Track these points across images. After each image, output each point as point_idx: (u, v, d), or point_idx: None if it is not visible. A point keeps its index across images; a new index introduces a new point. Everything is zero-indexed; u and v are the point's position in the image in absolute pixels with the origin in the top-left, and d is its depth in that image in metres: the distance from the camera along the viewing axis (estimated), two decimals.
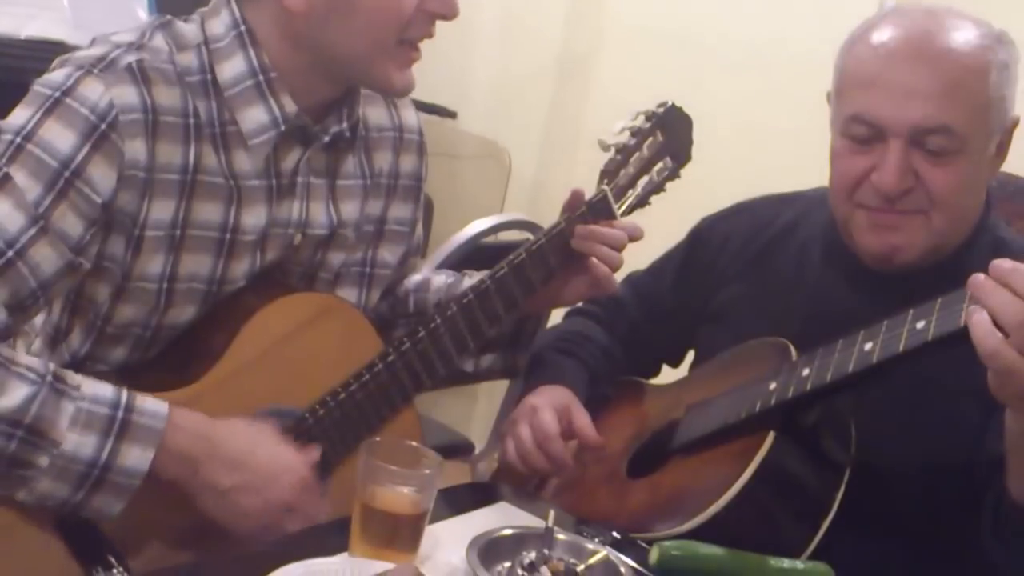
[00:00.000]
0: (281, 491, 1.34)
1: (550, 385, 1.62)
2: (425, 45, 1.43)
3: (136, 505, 1.29)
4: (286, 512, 1.34)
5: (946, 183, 1.43)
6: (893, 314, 1.29)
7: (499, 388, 2.56)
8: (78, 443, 1.24)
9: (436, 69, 3.31)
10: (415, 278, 1.71)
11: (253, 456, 1.33)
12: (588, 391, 1.64)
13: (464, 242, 2.23)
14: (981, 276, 1.16)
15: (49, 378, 1.24)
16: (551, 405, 1.57)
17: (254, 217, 1.40)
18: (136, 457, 1.26)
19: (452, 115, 3.39)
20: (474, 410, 3.32)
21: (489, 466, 2.24)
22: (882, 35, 1.46)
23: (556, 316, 1.92)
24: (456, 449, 2.37)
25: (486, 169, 3.33)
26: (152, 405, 1.28)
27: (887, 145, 1.43)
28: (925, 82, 1.41)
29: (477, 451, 2.46)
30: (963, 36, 1.43)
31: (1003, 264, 1.15)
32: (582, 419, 1.57)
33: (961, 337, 1.18)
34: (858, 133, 1.46)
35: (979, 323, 1.15)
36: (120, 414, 1.26)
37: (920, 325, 1.24)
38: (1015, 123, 1.49)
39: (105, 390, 1.27)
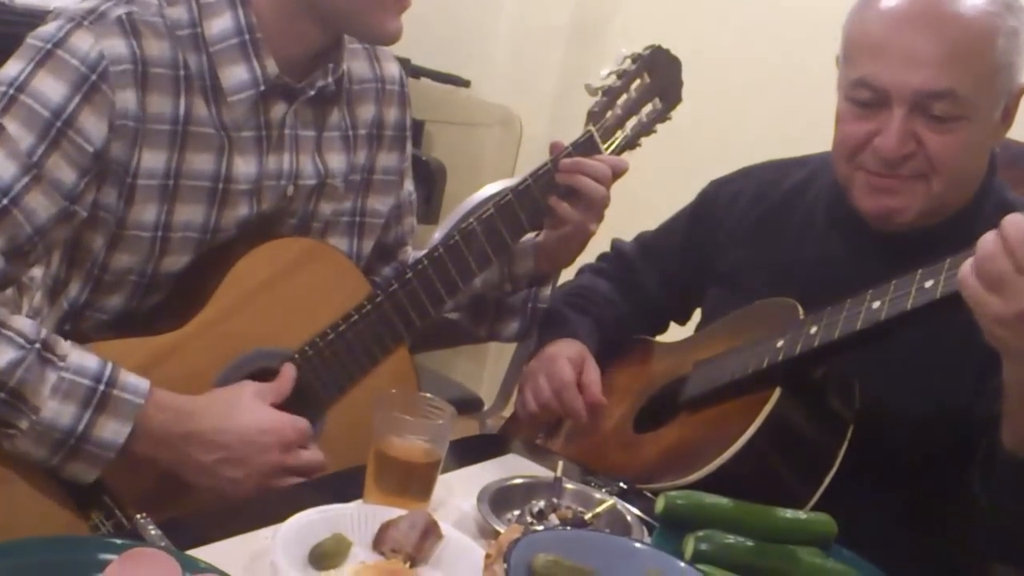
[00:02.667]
0: (265, 456, 1.36)
1: (565, 339, 1.65)
2: (439, 15, 1.44)
3: (129, 459, 1.32)
4: (275, 474, 1.37)
5: (948, 149, 1.44)
6: (897, 275, 1.31)
7: (507, 350, 2.59)
8: (57, 411, 1.27)
9: (450, 38, 3.33)
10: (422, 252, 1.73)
11: (232, 427, 1.35)
12: (598, 346, 1.67)
13: (474, 207, 2.25)
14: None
15: (37, 345, 1.27)
16: (567, 356, 1.61)
17: (246, 167, 1.43)
18: (112, 430, 1.29)
19: (466, 84, 3.40)
20: (484, 370, 3.36)
21: (497, 422, 2.27)
22: (889, 0, 1.47)
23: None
24: (466, 405, 2.41)
25: (498, 136, 3.34)
26: (134, 381, 1.31)
27: (890, 110, 1.44)
28: (930, 47, 1.42)
29: (486, 408, 2.50)
30: (970, 2, 1.43)
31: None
32: (592, 375, 1.60)
33: None
34: (862, 97, 1.47)
35: (966, 261, 1.18)
36: (101, 387, 1.29)
37: (929, 284, 1.26)
38: (1022, 89, 1.50)
39: (90, 362, 1.30)
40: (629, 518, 1.32)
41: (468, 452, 1.48)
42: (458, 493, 1.36)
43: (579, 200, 1.56)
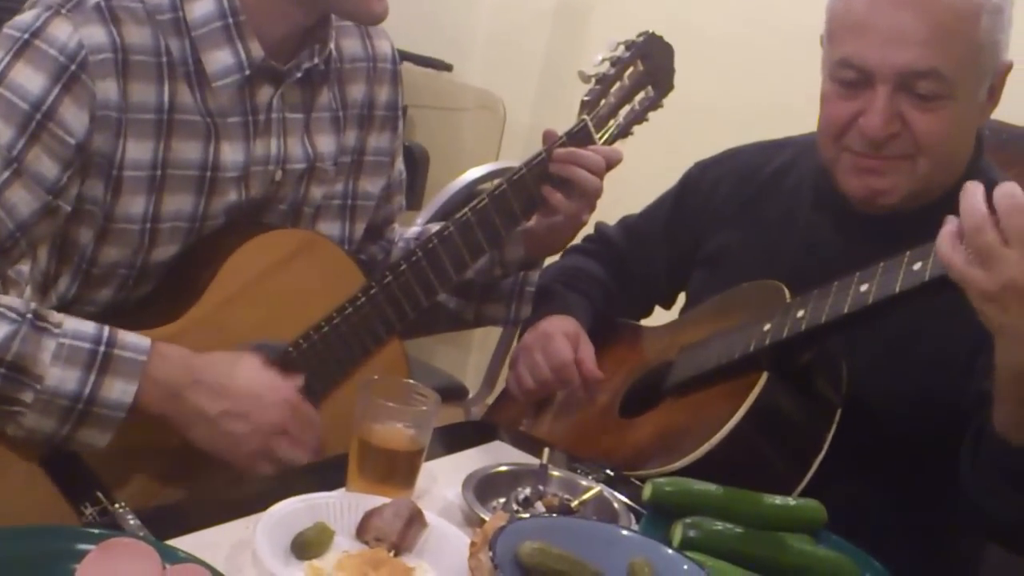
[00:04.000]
0: (268, 413, 1.34)
1: (559, 316, 1.64)
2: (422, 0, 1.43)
3: (124, 441, 1.30)
4: (277, 435, 1.35)
5: (933, 128, 1.43)
6: (883, 257, 1.30)
7: (492, 338, 2.58)
8: (61, 378, 1.25)
9: (431, 21, 3.30)
10: (413, 229, 1.71)
11: (235, 381, 1.33)
12: (590, 325, 1.66)
13: (458, 191, 2.23)
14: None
15: (29, 316, 1.26)
16: (563, 332, 1.59)
17: (233, 154, 1.40)
18: (120, 390, 1.27)
19: (448, 67, 3.37)
20: (468, 358, 3.34)
21: (482, 410, 2.26)
22: None
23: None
24: (451, 393, 2.40)
25: (481, 120, 3.32)
26: (134, 339, 1.29)
27: (874, 90, 1.43)
28: (913, 26, 1.40)
29: (471, 395, 2.49)
30: None
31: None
32: (587, 351, 1.59)
33: None
34: (846, 77, 1.46)
35: (945, 231, 1.17)
36: (102, 348, 1.27)
37: (917, 266, 1.25)
38: (1008, 68, 1.49)
39: (87, 326, 1.28)
40: (616, 505, 1.30)
41: (453, 440, 1.46)
42: (443, 481, 1.34)
43: (573, 190, 1.54)
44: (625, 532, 1.16)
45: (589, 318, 1.68)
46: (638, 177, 1.59)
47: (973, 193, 1.17)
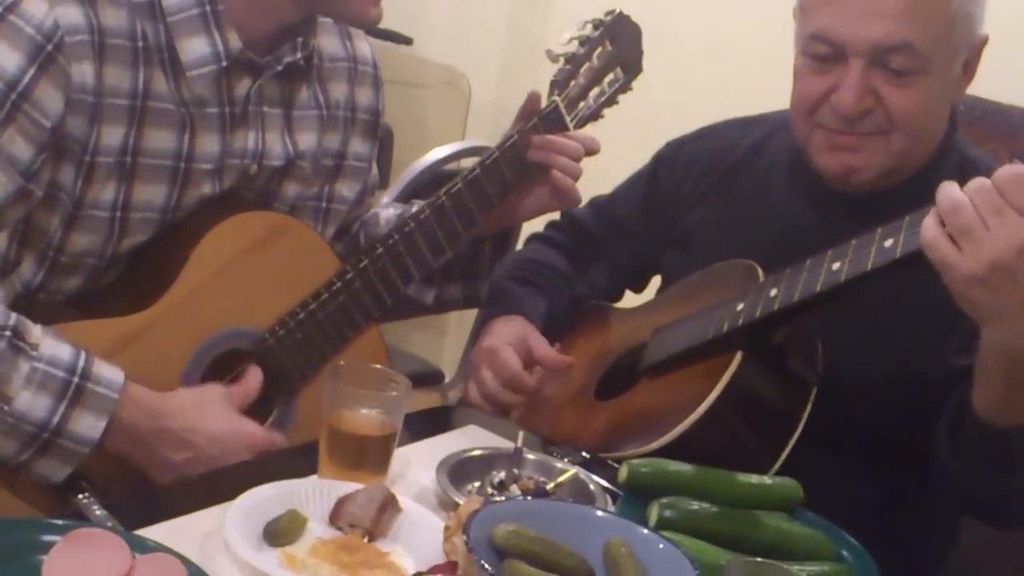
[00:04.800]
0: (232, 458, 1.32)
1: (505, 317, 1.62)
2: None
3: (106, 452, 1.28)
4: None
5: (907, 104, 1.42)
6: (859, 234, 1.29)
7: (468, 321, 2.56)
8: (31, 403, 1.23)
9: None
10: (375, 211, 1.69)
11: (203, 427, 1.31)
12: (545, 318, 1.64)
13: (423, 170, 2.21)
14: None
15: (8, 332, 1.22)
16: (507, 342, 1.56)
17: (209, 145, 1.37)
18: (88, 425, 1.25)
19: (408, 41, 3.31)
20: (444, 343, 3.32)
21: (459, 394, 2.24)
22: None
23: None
24: (427, 378, 2.38)
25: (445, 96, 3.28)
26: (108, 373, 1.27)
27: (847, 65, 1.42)
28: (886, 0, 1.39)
29: (447, 380, 2.47)
30: None
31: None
32: (542, 348, 1.56)
33: None
34: (818, 52, 1.45)
35: (928, 218, 1.15)
36: (76, 380, 1.24)
37: (888, 243, 1.24)
38: (983, 42, 1.48)
39: (64, 352, 1.25)
40: (592, 487, 1.30)
41: (427, 424, 1.45)
42: (417, 466, 1.33)
43: (545, 177, 1.52)
44: (600, 513, 1.15)
45: (542, 310, 1.65)
46: (601, 155, 1.56)
47: (948, 183, 1.16)
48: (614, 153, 1.56)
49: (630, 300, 1.83)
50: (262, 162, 1.43)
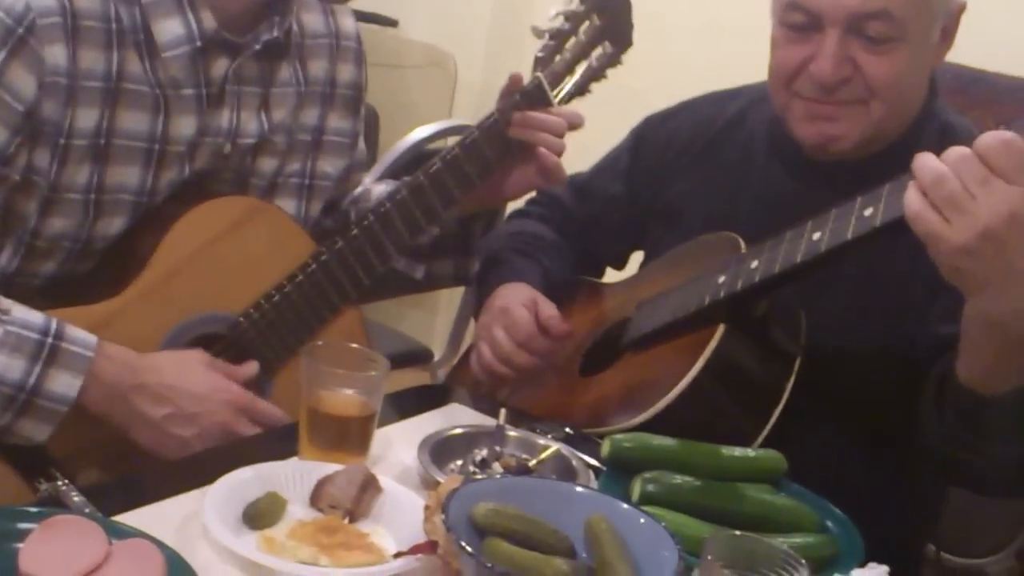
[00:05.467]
0: (214, 415, 1.32)
1: (512, 283, 1.60)
2: None
3: (75, 421, 1.27)
4: (225, 435, 1.33)
5: (886, 71, 1.41)
6: (839, 203, 1.28)
7: (458, 299, 2.55)
8: (6, 365, 1.23)
9: None
10: (356, 191, 1.68)
11: (180, 385, 1.31)
12: (545, 289, 1.63)
13: (408, 149, 2.19)
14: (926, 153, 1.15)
15: None
16: (519, 302, 1.54)
17: (184, 127, 1.36)
18: (64, 383, 1.25)
19: (393, 23, 3.31)
20: (435, 321, 3.31)
21: (448, 372, 2.23)
22: None
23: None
24: (416, 357, 2.36)
25: (431, 77, 3.27)
26: (81, 334, 1.27)
27: (824, 34, 1.41)
28: None
29: (436, 359, 2.46)
30: None
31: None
32: (549, 310, 1.54)
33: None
34: (795, 21, 1.43)
35: (909, 191, 1.13)
36: (49, 340, 1.25)
37: (868, 212, 1.23)
38: (961, 8, 1.47)
39: (34, 316, 1.25)
40: (575, 463, 1.29)
41: (409, 404, 1.44)
42: (398, 446, 1.32)
43: (530, 155, 1.51)
44: (580, 489, 1.14)
45: (541, 281, 1.64)
46: (579, 132, 1.54)
47: (923, 154, 1.14)
48: (591, 129, 1.54)
49: (612, 277, 1.82)
50: (236, 140, 1.42)
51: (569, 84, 1.54)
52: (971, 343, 1.23)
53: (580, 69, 1.56)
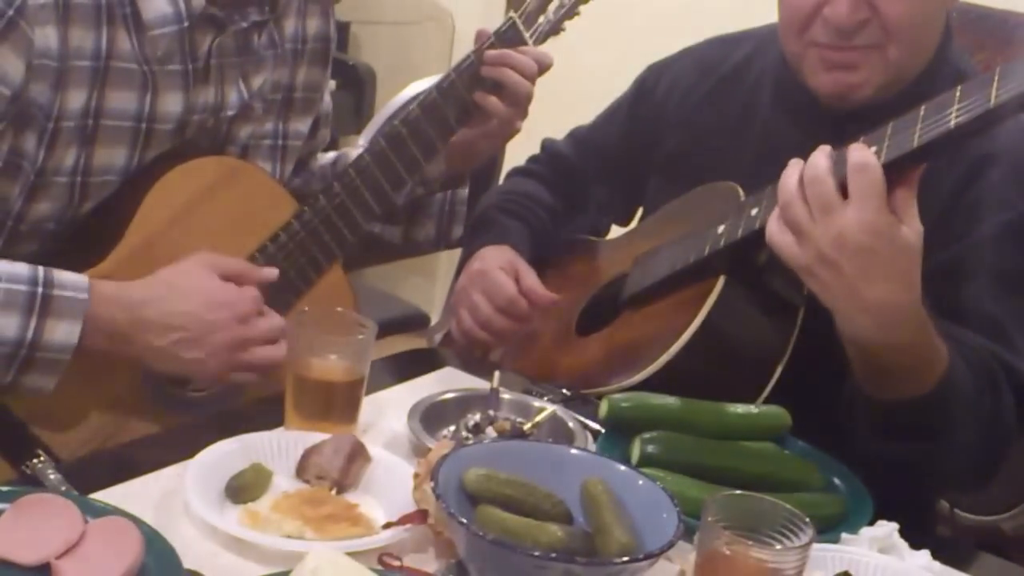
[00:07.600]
0: (222, 333, 1.27)
1: (494, 246, 1.56)
2: None
3: (62, 398, 1.24)
4: (239, 347, 1.28)
5: (902, 12, 1.35)
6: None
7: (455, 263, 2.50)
8: (1, 324, 1.19)
9: None
10: (330, 155, 1.64)
11: (181, 309, 1.26)
12: (532, 251, 1.58)
13: (402, 105, 2.14)
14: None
15: None
16: (499, 266, 1.50)
17: (172, 104, 1.33)
18: (64, 332, 1.22)
19: None
20: (435, 287, 3.27)
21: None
22: None
23: None
24: (412, 322, 2.33)
25: (429, 34, 3.21)
26: (71, 277, 1.23)
27: None
28: None
29: (433, 323, 2.42)
30: None
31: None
32: (530, 278, 1.50)
33: (913, 159, 1.13)
34: None
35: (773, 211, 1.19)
36: (40, 290, 1.21)
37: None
38: None
39: (20, 267, 1.22)
40: (571, 424, 1.25)
41: (400, 369, 1.40)
42: (389, 413, 1.28)
43: (505, 95, 1.47)
44: (576, 452, 1.10)
45: (528, 243, 1.59)
46: (578, 85, 1.50)
47: (790, 172, 1.18)
48: (590, 82, 1.50)
49: (616, 234, 1.77)
50: (219, 115, 1.39)
51: (543, 23, 1.52)
52: (849, 355, 1.24)
53: (552, 7, 1.53)
